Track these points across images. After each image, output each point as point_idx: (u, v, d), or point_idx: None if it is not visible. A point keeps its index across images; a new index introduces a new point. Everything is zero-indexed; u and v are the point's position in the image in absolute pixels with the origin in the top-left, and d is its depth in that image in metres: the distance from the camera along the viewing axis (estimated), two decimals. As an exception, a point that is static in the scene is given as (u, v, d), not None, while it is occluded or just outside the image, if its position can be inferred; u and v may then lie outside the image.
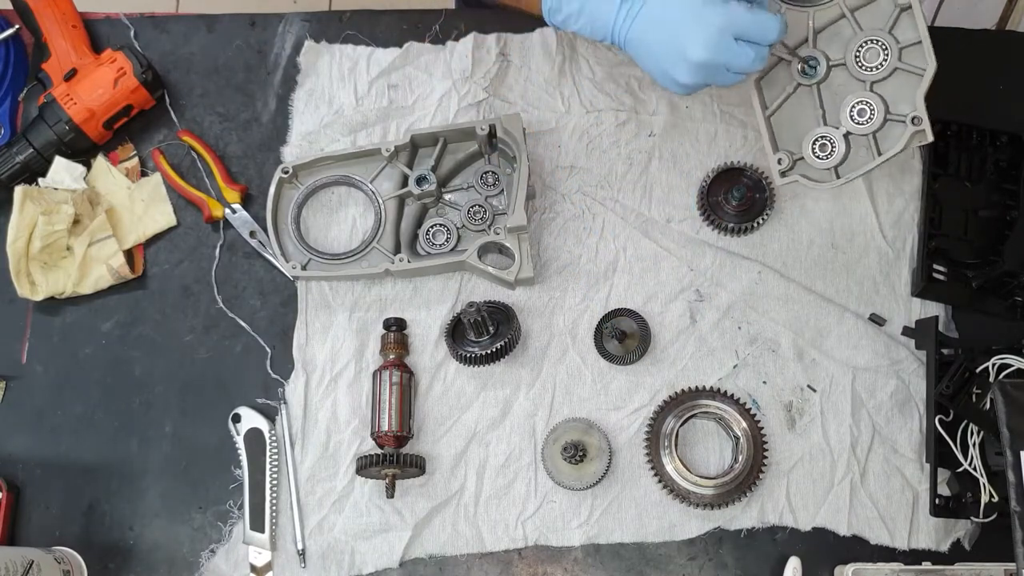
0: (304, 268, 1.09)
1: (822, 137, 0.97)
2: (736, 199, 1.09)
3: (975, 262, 1.10)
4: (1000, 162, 1.13)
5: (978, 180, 1.14)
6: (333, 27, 1.20)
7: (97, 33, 1.20)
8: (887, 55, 0.97)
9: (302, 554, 1.03)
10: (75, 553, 1.03)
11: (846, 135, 0.97)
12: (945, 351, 1.04)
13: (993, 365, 1.03)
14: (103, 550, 1.05)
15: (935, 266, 1.10)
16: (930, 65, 0.95)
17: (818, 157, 0.97)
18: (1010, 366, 1.02)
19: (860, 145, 0.98)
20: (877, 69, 0.97)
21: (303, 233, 1.11)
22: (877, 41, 0.97)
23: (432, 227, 1.10)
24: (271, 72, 1.20)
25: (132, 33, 1.20)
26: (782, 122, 1.00)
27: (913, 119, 0.95)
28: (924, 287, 1.09)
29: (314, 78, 1.18)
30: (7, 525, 1.04)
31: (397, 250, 1.09)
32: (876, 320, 1.09)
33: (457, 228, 1.09)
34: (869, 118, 0.96)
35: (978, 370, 1.02)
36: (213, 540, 1.05)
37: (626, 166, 1.14)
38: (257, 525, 1.04)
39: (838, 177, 0.98)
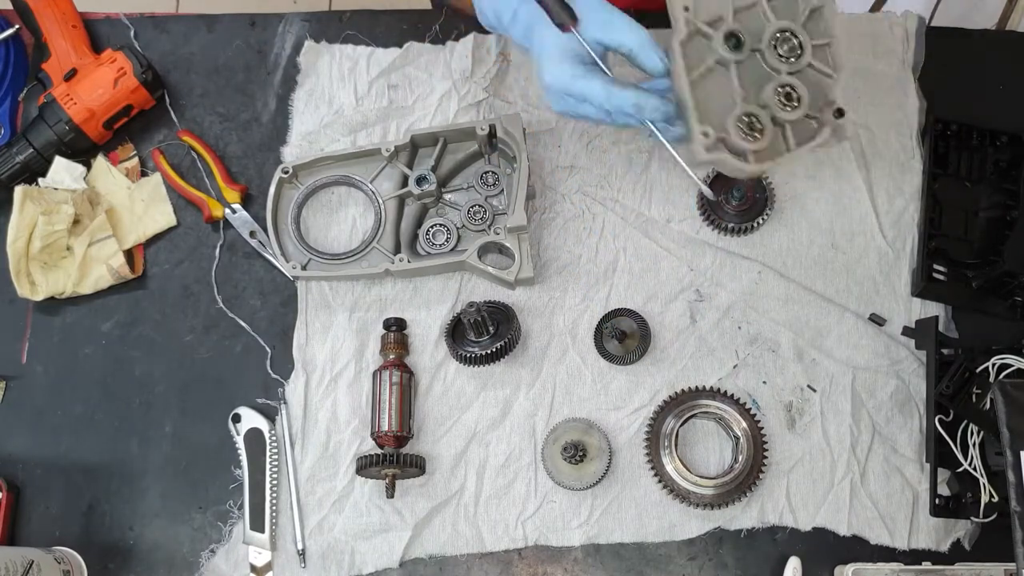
0: (304, 268, 1.09)
1: (749, 116, 0.88)
2: (736, 199, 1.09)
3: (975, 262, 1.10)
4: (1000, 162, 1.13)
5: (978, 180, 1.14)
6: (333, 27, 1.20)
7: (97, 33, 1.20)
8: (799, 51, 0.90)
9: (302, 554, 1.03)
10: (75, 553, 1.03)
11: (772, 119, 0.88)
12: (945, 351, 1.04)
13: (993, 365, 1.03)
14: (103, 550, 1.05)
15: (935, 266, 1.10)
16: (843, 68, 0.90)
17: (744, 136, 0.87)
18: (1010, 366, 1.02)
19: (775, 135, 0.89)
20: (791, 61, 0.90)
21: (303, 233, 1.12)
22: (791, 34, 0.90)
23: (432, 227, 1.10)
24: (271, 72, 1.20)
25: (132, 33, 1.20)
26: (709, 91, 0.89)
27: (836, 111, 0.88)
28: (924, 287, 1.09)
29: (314, 78, 1.18)
30: (7, 525, 1.04)
31: (397, 250, 1.09)
32: (876, 320, 1.09)
33: (457, 228, 1.09)
34: (795, 103, 0.88)
35: (978, 370, 1.02)
36: (213, 540, 1.05)
37: (626, 166, 1.14)
38: (257, 525, 1.04)
39: (753, 163, 0.88)
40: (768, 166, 0.89)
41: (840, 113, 0.88)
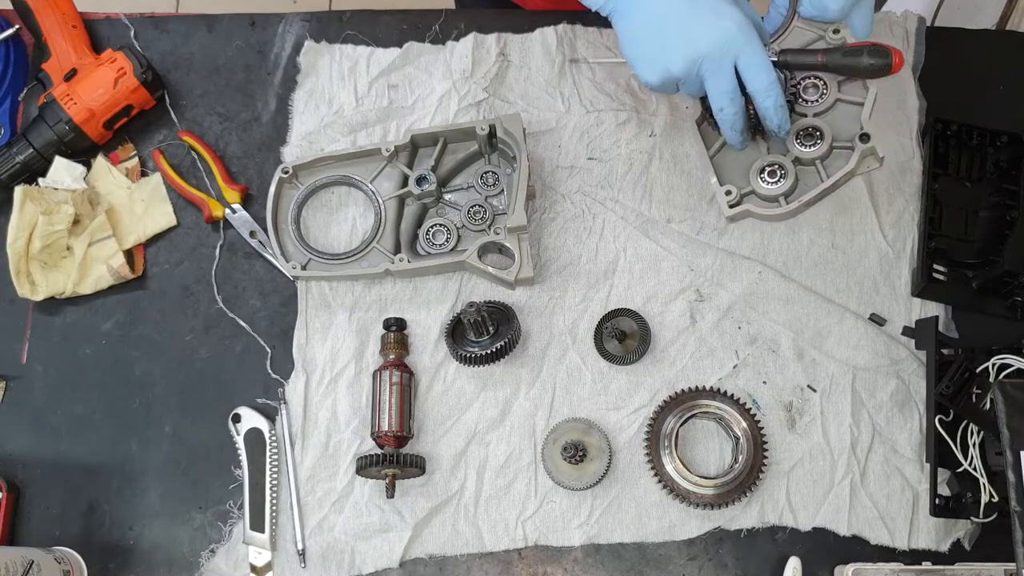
0: (304, 268, 1.09)
1: (771, 164, 0.98)
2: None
3: (975, 262, 1.10)
4: (1000, 162, 1.13)
5: (978, 180, 1.14)
6: (333, 27, 1.20)
7: (97, 33, 1.20)
8: (826, 89, 0.99)
9: (302, 554, 1.03)
10: (75, 553, 1.03)
11: (794, 160, 0.98)
12: (945, 351, 1.04)
13: (993, 365, 1.03)
14: (103, 550, 1.05)
15: (935, 266, 1.10)
16: (871, 91, 0.98)
17: (767, 184, 0.98)
18: (1010, 366, 1.02)
19: (807, 172, 0.99)
20: (817, 103, 0.99)
21: (303, 233, 1.12)
22: (815, 77, 1.00)
23: (432, 227, 1.10)
24: (271, 72, 1.20)
25: (132, 33, 1.20)
26: (727, 159, 1.01)
27: (861, 136, 0.96)
28: (924, 287, 1.09)
29: (314, 78, 1.18)
30: (7, 525, 1.04)
31: (397, 250, 1.09)
32: (876, 320, 1.09)
33: (457, 228, 1.09)
34: (817, 141, 0.98)
35: (978, 370, 1.02)
36: (213, 540, 1.05)
37: (626, 166, 1.14)
38: (257, 525, 1.04)
39: (786, 203, 0.99)
40: (799, 204, 0.95)
41: (866, 138, 0.93)
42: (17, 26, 1.17)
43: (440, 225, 1.10)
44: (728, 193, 0.99)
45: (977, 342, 1.06)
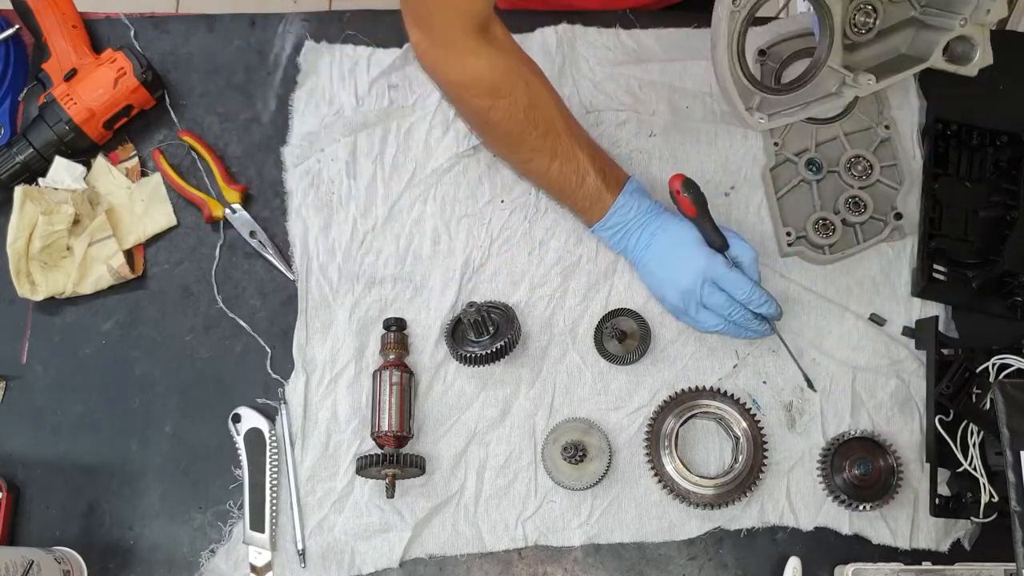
0: (768, 116, 1.05)
1: (823, 220, 1.11)
2: (859, 471, 1.02)
3: (975, 262, 1.11)
4: (1000, 162, 1.13)
5: (978, 180, 1.14)
6: (333, 27, 1.20)
7: (97, 33, 1.20)
8: (871, 169, 1.12)
9: (302, 554, 1.03)
10: (75, 553, 1.03)
11: (843, 221, 1.11)
12: (945, 351, 1.05)
13: (993, 365, 1.03)
14: (103, 550, 1.05)
15: (935, 266, 1.10)
16: (905, 181, 1.12)
17: (819, 235, 1.10)
18: (1010, 366, 1.02)
19: (848, 232, 1.12)
20: (863, 179, 1.12)
21: (746, 69, 1.03)
22: (862, 158, 1.13)
23: None
24: (271, 72, 1.20)
25: (132, 33, 1.20)
26: (788, 204, 1.13)
27: (896, 214, 1.10)
28: (924, 287, 1.09)
29: (314, 78, 1.18)
30: (7, 525, 1.04)
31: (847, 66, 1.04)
32: (876, 320, 1.09)
33: None
34: (861, 211, 1.11)
35: (978, 370, 1.02)
36: (213, 540, 1.05)
37: (627, 166, 1.14)
38: (257, 525, 1.03)
39: (830, 253, 1.11)
40: (840, 256, 1.10)
41: (899, 216, 1.10)
42: (17, 26, 1.17)
43: None
44: (788, 234, 1.10)
45: (977, 342, 1.06)
